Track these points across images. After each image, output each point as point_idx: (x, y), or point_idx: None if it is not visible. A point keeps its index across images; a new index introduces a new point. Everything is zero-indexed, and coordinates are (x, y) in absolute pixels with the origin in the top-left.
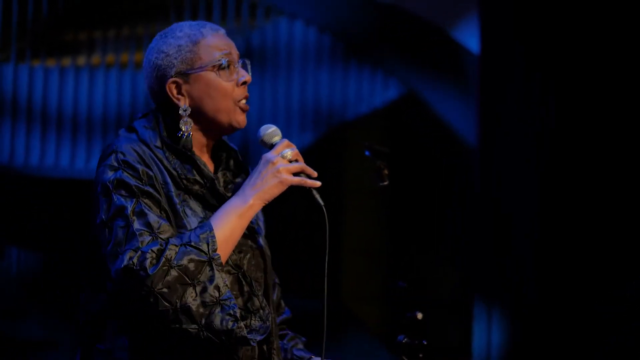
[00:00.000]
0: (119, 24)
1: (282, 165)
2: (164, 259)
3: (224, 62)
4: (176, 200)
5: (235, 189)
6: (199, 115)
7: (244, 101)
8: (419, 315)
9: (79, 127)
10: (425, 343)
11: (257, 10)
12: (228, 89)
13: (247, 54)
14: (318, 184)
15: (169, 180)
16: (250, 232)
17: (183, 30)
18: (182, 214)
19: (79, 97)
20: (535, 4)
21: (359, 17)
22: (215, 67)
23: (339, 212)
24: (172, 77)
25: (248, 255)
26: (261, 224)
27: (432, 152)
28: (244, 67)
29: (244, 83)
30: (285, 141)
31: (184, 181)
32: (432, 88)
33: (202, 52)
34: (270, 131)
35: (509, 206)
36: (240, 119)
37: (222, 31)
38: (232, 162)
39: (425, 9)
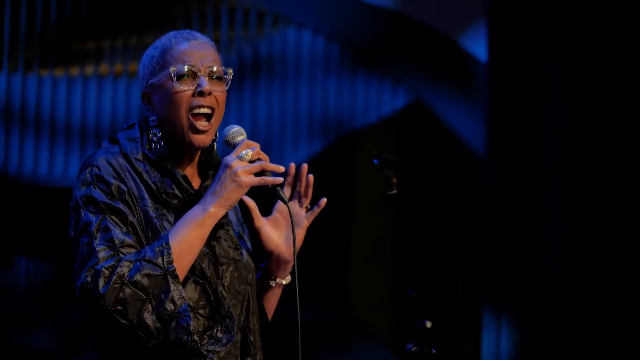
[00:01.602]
0: (126, 33)
1: (240, 167)
2: (115, 277)
3: (176, 70)
4: (152, 214)
5: None
6: (163, 127)
7: (200, 112)
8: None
9: (87, 136)
10: (434, 351)
11: (265, 19)
12: (181, 98)
13: (255, 63)
14: (279, 180)
15: (145, 194)
16: (233, 245)
17: (162, 39)
18: (159, 228)
19: (87, 106)
20: (543, 12)
21: (366, 26)
22: (170, 77)
23: (348, 221)
24: (144, 87)
25: (230, 268)
26: (246, 237)
27: (440, 160)
28: (216, 78)
29: (201, 93)
30: (245, 141)
31: (163, 195)
32: (440, 96)
33: (166, 61)
34: (233, 131)
35: (518, 214)
36: (197, 139)
37: (201, 40)
38: (212, 174)
39: (432, 17)
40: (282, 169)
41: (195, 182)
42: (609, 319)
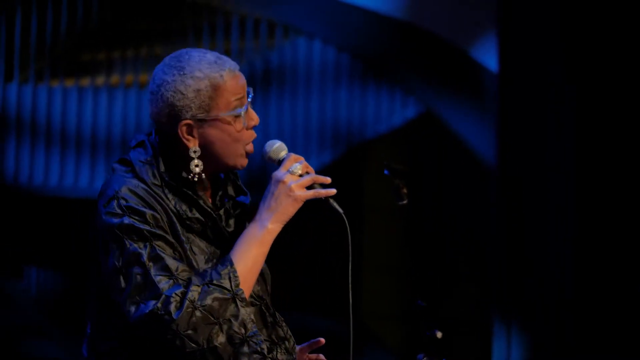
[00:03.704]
0: (137, 44)
1: (293, 182)
2: (187, 302)
3: (241, 111)
4: (183, 238)
5: (236, 222)
6: (206, 157)
7: (250, 144)
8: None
9: (98, 147)
10: None
11: (275, 30)
12: (239, 135)
13: (266, 73)
14: (333, 191)
15: (174, 219)
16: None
17: (202, 70)
18: (190, 253)
19: (97, 117)
20: (553, 22)
21: (377, 36)
22: (235, 117)
23: (358, 231)
24: (186, 119)
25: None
26: None
27: (450, 170)
28: (250, 98)
29: (255, 126)
30: (292, 155)
31: (186, 221)
32: (450, 107)
33: (220, 98)
34: (276, 147)
35: (528, 224)
36: (244, 162)
37: (238, 68)
38: (230, 188)
39: (443, 27)
40: (328, 180)
41: (208, 197)
42: (622, 327)
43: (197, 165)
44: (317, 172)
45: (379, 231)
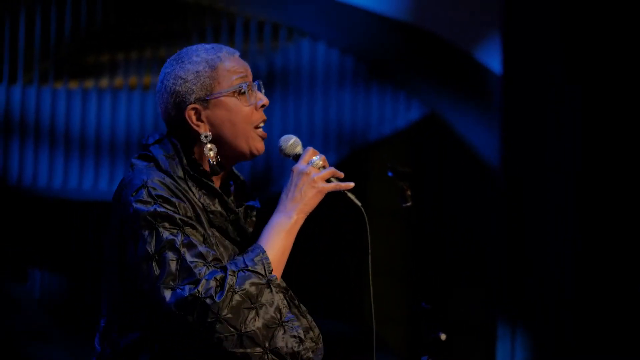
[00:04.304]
0: (141, 46)
1: (316, 174)
2: (227, 285)
3: (244, 86)
4: (209, 232)
5: (254, 223)
6: (219, 142)
7: (262, 125)
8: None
9: (102, 149)
10: None
11: (279, 31)
12: (248, 114)
13: (270, 75)
14: (352, 184)
15: (199, 212)
16: None
17: (200, 55)
18: (214, 246)
19: (101, 119)
20: (557, 24)
21: (381, 38)
22: (235, 92)
23: (362, 233)
24: (191, 103)
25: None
26: None
27: (454, 172)
28: (259, 88)
29: (263, 106)
30: (311, 149)
31: (210, 215)
32: (454, 109)
33: (221, 77)
34: (292, 142)
35: (534, 227)
36: (259, 146)
37: (238, 53)
38: (240, 193)
39: (447, 29)
40: (342, 175)
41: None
42: (623, 327)
43: (210, 149)
44: None
45: (383, 233)
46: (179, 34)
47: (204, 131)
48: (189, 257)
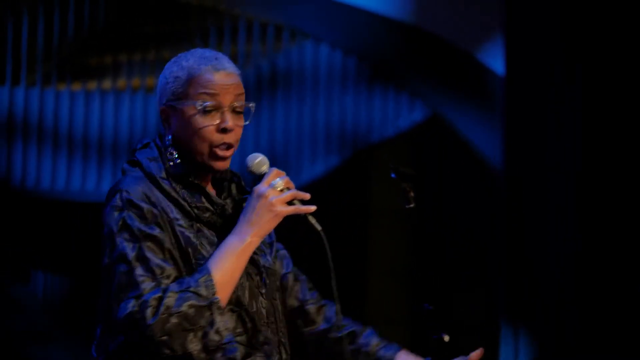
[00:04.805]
0: (144, 47)
1: (275, 197)
2: (163, 307)
3: (201, 104)
4: (189, 234)
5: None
6: (179, 148)
7: (223, 147)
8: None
9: (105, 150)
10: None
11: (282, 33)
12: (206, 132)
13: (273, 77)
14: (313, 208)
15: (177, 214)
16: (260, 252)
17: (189, 60)
18: (199, 247)
19: (104, 121)
20: (560, 24)
21: (383, 39)
22: (196, 109)
23: (365, 234)
24: (163, 104)
25: (264, 276)
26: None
27: (457, 173)
28: (237, 112)
29: (224, 130)
30: (274, 170)
31: (195, 210)
32: (457, 110)
33: (192, 88)
34: (258, 161)
35: (536, 228)
36: (217, 165)
37: (228, 70)
38: (234, 187)
39: (449, 30)
40: (308, 196)
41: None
42: (627, 330)
43: (170, 153)
44: (323, 177)
45: (385, 234)
46: (182, 35)
47: (168, 134)
48: (139, 271)
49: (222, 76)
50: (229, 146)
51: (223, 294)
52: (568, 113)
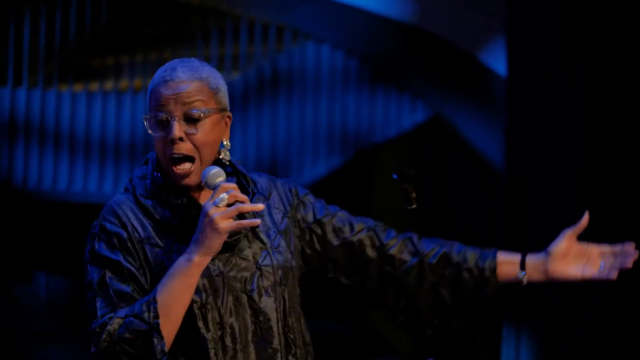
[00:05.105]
0: (146, 48)
1: (217, 214)
2: (104, 335)
3: (149, 119)
4: (160, 252)
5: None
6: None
7: (181, 162)
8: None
9: (107, 152)
10: None
11: (284, 34)
12: (157, 146)
13: (274, 78)
14: (257, 222)
15: (152, 233)
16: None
17: (156, 72)
18: (168, 265)
19: (106, 122)
20: (562, 26)
21: (385, 40)
22: (150, 121)
23: None
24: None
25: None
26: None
27: (459, 174)
28: (193, 119)
29: (172, 141)
30: (221, 186)
31: (169, 227)
32: (459, 111)
33: (150, 102)
34: (213, 173)
35: (536, 228)
36: (177, 181)
37: (182, 79)
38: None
39: (451, 31)
40: (260, 207)
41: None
42: (628, 330)
43: (153, 169)
44: (325, 177)
45: None
46: (184, 36)
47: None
48: (99, 298)
49: (172, 86)
50: (185, 158)
51: (168, 316)
52: (568, 113)
